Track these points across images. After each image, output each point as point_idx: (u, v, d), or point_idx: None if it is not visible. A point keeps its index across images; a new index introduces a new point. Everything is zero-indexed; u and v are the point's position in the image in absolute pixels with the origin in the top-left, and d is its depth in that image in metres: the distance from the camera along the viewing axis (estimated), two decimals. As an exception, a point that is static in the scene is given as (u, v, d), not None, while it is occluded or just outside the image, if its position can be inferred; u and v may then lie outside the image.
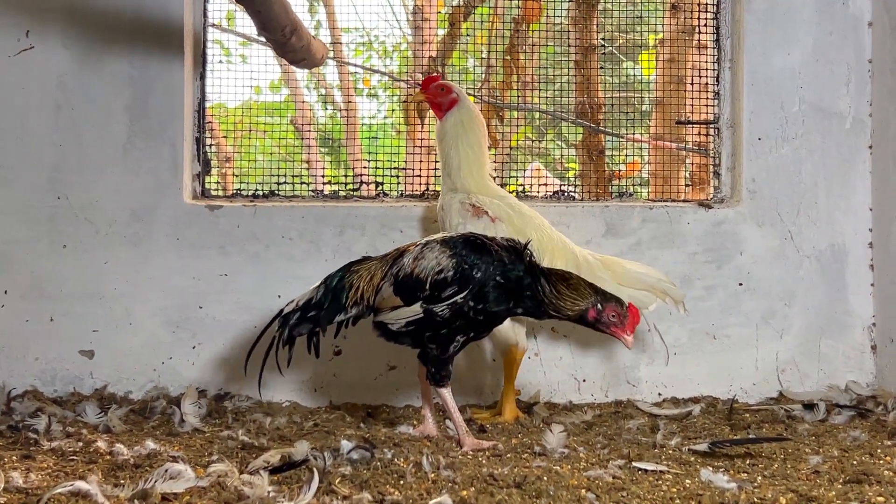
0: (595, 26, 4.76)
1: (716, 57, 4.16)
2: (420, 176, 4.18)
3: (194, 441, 3.12)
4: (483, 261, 2.96)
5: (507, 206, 3.51)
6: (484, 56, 4.68)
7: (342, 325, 3.20)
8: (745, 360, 3.96)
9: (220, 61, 4.19)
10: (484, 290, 2.95)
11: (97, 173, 3.88)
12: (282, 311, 3.22)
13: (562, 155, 6.28)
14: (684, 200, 4.17)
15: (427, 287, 2.99)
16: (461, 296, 2.95)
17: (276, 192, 4.10)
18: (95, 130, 3.88)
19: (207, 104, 4.10)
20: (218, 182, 4.58)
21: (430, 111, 3.71)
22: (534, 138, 5.53)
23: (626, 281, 3.53)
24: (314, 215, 3.92)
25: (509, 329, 3.51)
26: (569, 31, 4.67)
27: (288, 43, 3.44)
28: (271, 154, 4.77)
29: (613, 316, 2.93)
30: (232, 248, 3.90)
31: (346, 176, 4.31)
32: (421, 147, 4.24)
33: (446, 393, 3.07)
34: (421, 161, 4.16)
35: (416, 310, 3.02)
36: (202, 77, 4.05)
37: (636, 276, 3.55)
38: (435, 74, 3.92)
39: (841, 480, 2.59)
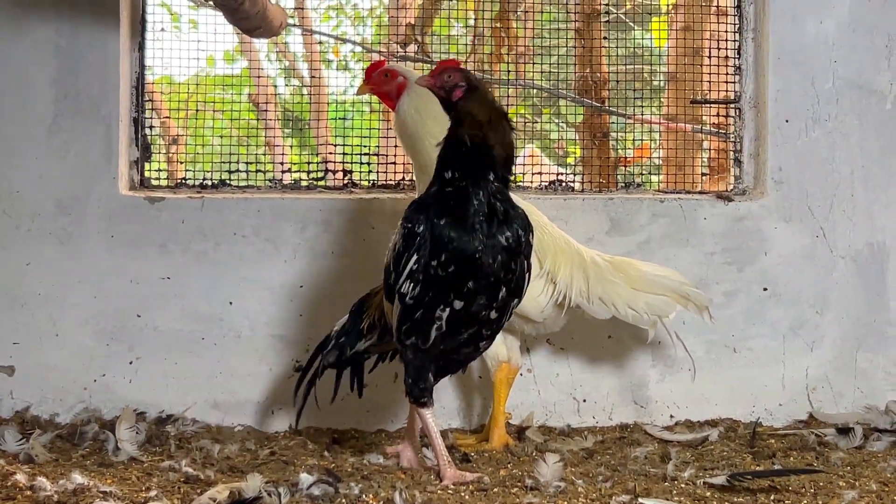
0: (599, -11, 4.74)
1: (737, 25, 4.13)
2: (395, 163, 4.14)
3: (130, 473, 3.09)
4: (426, 212, 2.95)
5: None
6: (471, 23, 4.65)
7: (380, 358, 3.42)
8: (770, 377, 3.94)
9: (163, 29, 4.13)
10: (438, 234, 2.91)
11: (17, 158, 3.82)
12: (328, 335, 3.39)
13: (561, 138, 6.25)
14: (700, 192, 4.16)
15: (391, 270, 3.00)
16: (413, 260, 2.93)
17: (228, 181, 4.06)
18: (15, 109, 3.82)
19: (153, 78, 4.05)
20: (162, 169, 4.53)
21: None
22: (529, 118, 5.50)
23: (642, 285, 3.51)
24: (272, 209, 3.88)
25: (500, 342, 3.47)
26: (569, -6, 4.64)
27: (240, 8, 3.39)
28: (222, 137, 4.72)
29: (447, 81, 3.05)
30: (175, 246, 3.85)
31: (310, 163, 4.26)
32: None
33: (427, 415, 3.04)
34: (396, 146, 4.11)
35: (396, 305, 3.01)
36: (141, 47, 4.00)
37: (654, 280, 3.53)
38: (380, 59, 3.88)
39: (880, 520, 2.58)
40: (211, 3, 3.47)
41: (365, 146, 4.18)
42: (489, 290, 2.97)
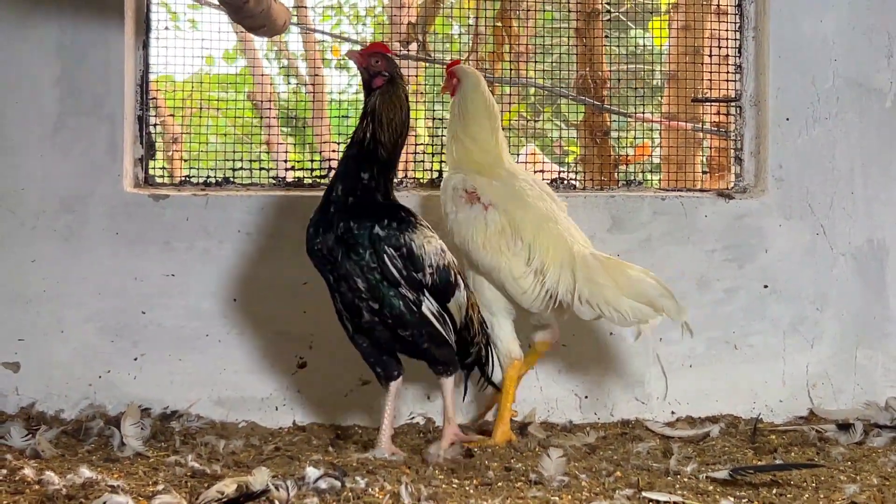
0: (599, -11, 4.75)
1: (737, 24, 4.15)
2: (397, 161, 4.15)
3: (136, 468, 3.10)
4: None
5: (506, 190, 3.49)
6: (471, 22, 4.66)
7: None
8: (770, 374, 3.96)
9: (167, 27, 4.14)
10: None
11: (22, 157, 3.83)
12: None
13: (561, 136, 6.26)
14: (701, 190, 4.18)
15: None
16: None
17: (232, 178, 4.07)
18: (20, 107, 3.84)
19: (152, 77, 4.06)
20: (164, 167, 4.54)
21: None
22: (529, 117, 5.51)
23: (628, 290, 3.37)
24: (275, 206, 3.90)
25: (513, 340, 3.49)
26: (569, -6, 4.66)
27: (244, 6, 3.40)
28: (225, 135, 4.73)
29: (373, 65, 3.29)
30: (180, 243, 3.87)
31: (312, 161, 4.27)
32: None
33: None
34: (398, 143, 4.13)
35: None
36: (145, 46, 4.01)
37: (638, 288, 3.38)
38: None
39: (881, 513, 2.60)
40: (215, 1, 3.48)
41: (367, 144, 4.19)
42: (345, 280, 3.22)
